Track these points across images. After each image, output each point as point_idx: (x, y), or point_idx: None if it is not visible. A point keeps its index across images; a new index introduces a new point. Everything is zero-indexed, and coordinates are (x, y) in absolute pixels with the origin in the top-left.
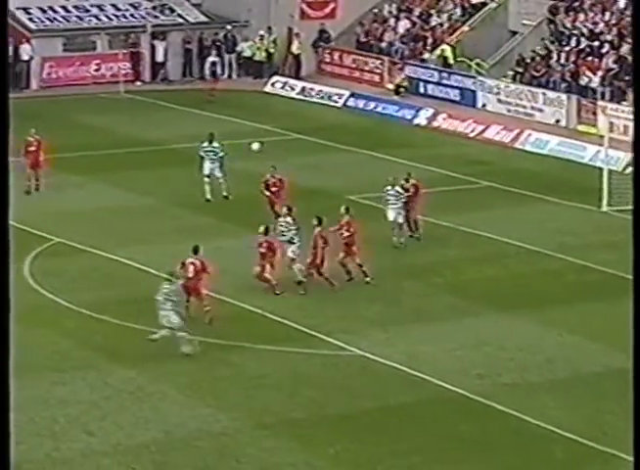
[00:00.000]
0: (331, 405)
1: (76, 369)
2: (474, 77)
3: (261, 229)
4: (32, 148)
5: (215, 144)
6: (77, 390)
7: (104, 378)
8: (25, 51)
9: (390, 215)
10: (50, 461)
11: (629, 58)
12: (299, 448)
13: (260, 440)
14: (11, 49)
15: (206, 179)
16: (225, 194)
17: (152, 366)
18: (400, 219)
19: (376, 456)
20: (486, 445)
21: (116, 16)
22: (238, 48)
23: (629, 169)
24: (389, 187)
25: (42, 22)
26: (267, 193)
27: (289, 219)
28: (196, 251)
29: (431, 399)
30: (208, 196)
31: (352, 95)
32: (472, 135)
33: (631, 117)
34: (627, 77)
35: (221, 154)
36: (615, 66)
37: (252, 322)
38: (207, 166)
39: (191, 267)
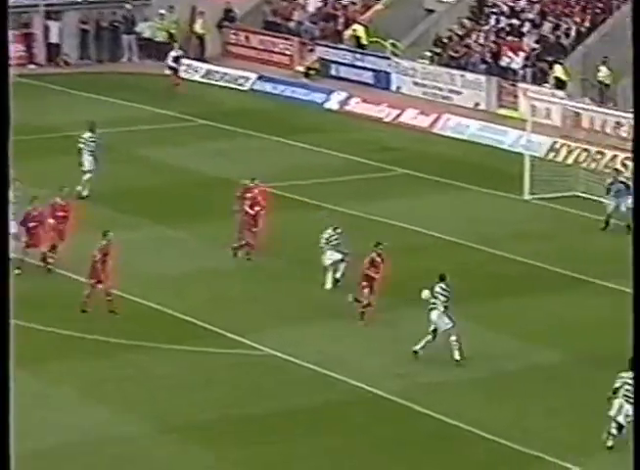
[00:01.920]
0: (239, 407)
1: None
2: (388, 59)
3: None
4: None
5: (95, 134)
6: None
7: None
8: None
9: (434, 316)
10: None
11: (551, 37)
12: (206, 452)
13: (165, 444)
14: None
15: (88, 175)
16: (86, 193)
17: (52, 368)
18: (444, 327)
19: (286, 460)
20: (403, 447)
21: None
22: (137, 29)
23: (552, 155)
24: (439, 288)
25: None
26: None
27: None
28: (105, 234)
29: (345, 400)
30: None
31: (260, 78)
32: (387, 120)
33: (554, 99)
34: (549, 58)
35: (97, 142)
36: (536, 45)
37: (157, 320)
38: (87, 160)
39: (97, 252)
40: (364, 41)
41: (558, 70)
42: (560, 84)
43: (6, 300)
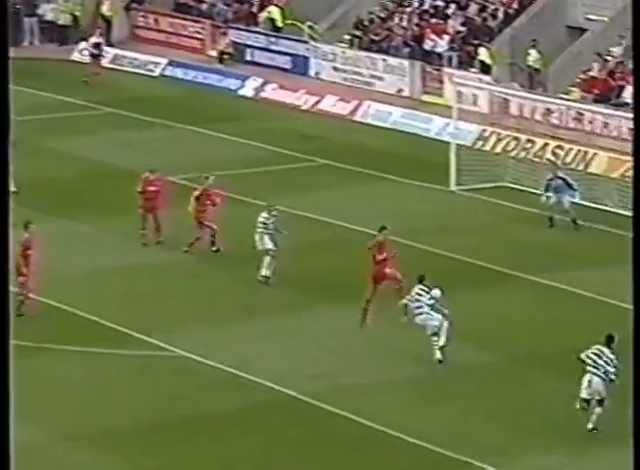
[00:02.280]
0: (148, 412)
1: None
2: (306, 42)
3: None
4: None
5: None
6: None
7: None
8: None
9: (421, 320)
10: None
11: (477, 19)
12: (113, 461)
13: (71, 452)
14: None
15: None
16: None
17: None
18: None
19: (197, 466)
20: (319, 451)
21: None
22: (39, 11)
23: (480, 144)
24: (417, 290)
25: None
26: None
27: None
28: (26, 226)
29: (259, 402)
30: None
31: (170, 63)
32: (305, 107)
33: (481, 85)
34: (476, 41)
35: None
36: (462, 28)
37: (63, 321)
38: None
39: (20, 246)
40: (280, 24)
41: (483, 54)
42: (485, 68)
43: (6, 301)
